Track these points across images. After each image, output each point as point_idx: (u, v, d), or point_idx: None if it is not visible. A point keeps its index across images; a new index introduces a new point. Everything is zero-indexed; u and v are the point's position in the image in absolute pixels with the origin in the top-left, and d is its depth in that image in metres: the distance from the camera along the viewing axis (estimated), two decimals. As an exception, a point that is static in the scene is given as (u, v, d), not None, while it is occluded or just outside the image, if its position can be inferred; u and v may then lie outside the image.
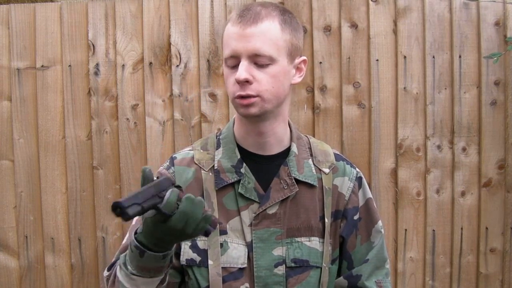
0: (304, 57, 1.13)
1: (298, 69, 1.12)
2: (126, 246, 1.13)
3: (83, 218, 2.05)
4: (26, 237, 2.05)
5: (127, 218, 0.81)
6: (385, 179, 2.04)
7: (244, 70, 1.02)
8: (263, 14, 1.04)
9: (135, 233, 0.97)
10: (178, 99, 2.03)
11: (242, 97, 1.04)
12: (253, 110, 1.05)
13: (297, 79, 1.12)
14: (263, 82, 1.04)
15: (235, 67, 1.05)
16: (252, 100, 1.04)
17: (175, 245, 0.98)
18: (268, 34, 1.03)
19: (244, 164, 1.12)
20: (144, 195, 0.87)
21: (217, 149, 1.16)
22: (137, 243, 0.95)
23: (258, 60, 1.03)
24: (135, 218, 1.14)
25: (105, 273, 1.10)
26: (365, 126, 2.04)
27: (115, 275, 1.05)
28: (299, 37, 1.11)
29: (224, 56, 1.07)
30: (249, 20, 1.03)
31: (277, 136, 1.14)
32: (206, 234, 0.94)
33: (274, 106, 1.08)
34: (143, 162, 2.02)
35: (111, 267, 1.10)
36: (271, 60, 1.03)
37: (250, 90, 1.03)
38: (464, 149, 2.05)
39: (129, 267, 0.99)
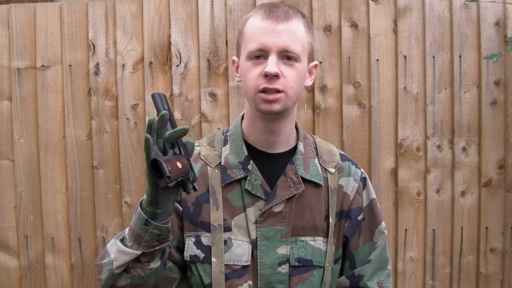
0: (316, 62, 1.16)
1: (310, 72, 1.15)
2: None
3: (83, 218, 2.05)
4: (26, 237, 2.05)
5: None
6: (385, 179, 2.04)
7: (275, 63, 1.03)
8: (291, 13, 1.06)
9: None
10: (178, 99, 2.03)
11: (266, 91, 1.04)
12: (277, 107, 1.06)
13: (309, 82, 1.15)
14: (290, 78, 1.05)
15: (259, 61, 1.05)
16: (277, 96, 1.05)
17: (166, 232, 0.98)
18: (297, 33, 1.06)
19: (251, 161, 1.12)
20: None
21: (224, 145, 1.16)
22: (140, 201, 0.99)
23: (286, 55, 1.04)
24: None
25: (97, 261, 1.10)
26: (365, 126, 2.04)
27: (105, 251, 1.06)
28: (314, 42, 1.14)
29: (249, 49, 1.06)
30: (281, 16, 1.04)
31: (286, 135, 1.15)
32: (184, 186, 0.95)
33: (293, 104, 1.10)
34: (143, 162, 2.02)
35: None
36: (297, 58, 1.05)
37: (277, 85, 1.04)
38: (464, 149, 2.05)
39: (126, 230, 1.01)
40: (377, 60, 2.02)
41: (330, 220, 1.13)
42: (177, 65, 2.03)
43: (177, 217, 1.13)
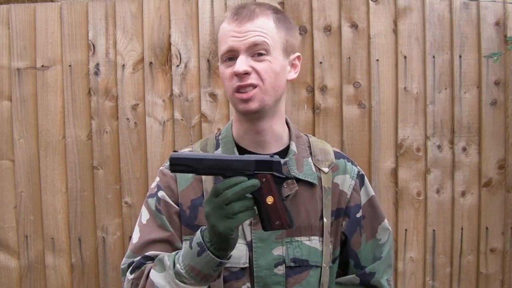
0: (298, 54, 1.16)
1: (293, 65, 1.15)
2: (139, 246, 1.12)
3: (83, 218, 2.05)
4: (26, 237, 2.05)
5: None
6: (385, 179, 2.04)
7: (243, 62, 1.04)
8: (257, 12, 1.07)
9: (201, 230, 0.99)
10: (178, 99, 2.03)
11: (241, 90, 1.05)
12: (253, 105, 1.06)
13: (293, 75, 1.15)
14: (262, 71, 1.06)
15: (231, 62, 1.07)
16: (251, 93, 1.05)
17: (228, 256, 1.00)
18: (264, 28, 1.06)
19: None
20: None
21: (216, 149, 1.17)
22: (201, 239, 0.96)
23: (256, 50, 1.05)
24: (146, 218, 1.14)
25: (129, 276, 1.09)
26: (365, 126, 2.03)
27: (146, 279, 1.04)
28: (294, 35, 1.14)
29: (221, 52, 1.09)
30: (245, 17, 1.06)
31: (275, 134, 1.14)
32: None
33: (273, 100, 1.09)
34: (143, 162, 2.02)
35: (134, 269, 1.09)
36: (267, 50, 1.06)
37: (250, 80, 1.05)
38: (464, 149, 2.05)
39: (178, 265, 0.99)
40: (377, 60, 2.02)
41: (324, 220, 1.13)
42: (177, 65, 2.03)
43: (179, 219, 1.13)
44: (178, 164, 0.94)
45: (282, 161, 0.97)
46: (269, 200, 0.94)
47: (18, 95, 2.04)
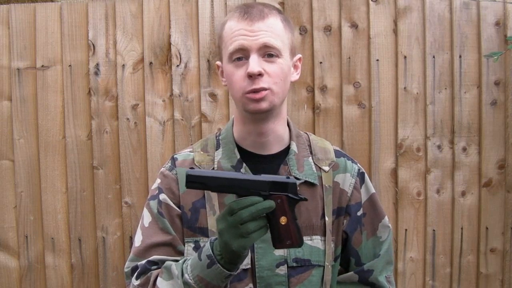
0: (299, 55, 1.16)
1: (295, 66, 1.15)
2: (142, 250, 1.12)
3: (83, 218, 2.05)
4: (26, 237, 2.05)
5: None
6: (385, 179, 2.04)
7: (256, 63, 1.03)
8: (266, 11, 1.07)
9: (210, 241, 0.99)
10: (178, 99, 2.03)
11: (254, 91, 1.04)
12: (264, 105, 1.06)
13: (295, 76, 1.16)
14: (273, 75, 1.05)
15: (241, 62, 1.05)
16: (264, 93, 1.05)
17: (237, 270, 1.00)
18: (275, 29, 1.06)
19: (244, 164, 1.12)
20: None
21: (216, 149, 1.17)
22: (211, 252, 0.97)
23: (267, 52, 1.05)
24: (148, 221, 1.14)
25: (135, 282, 1.09)
26: (365, 126, 2.04)
27: (153, 286, 1.05)
28: (295, 37, 1.17)
29: (229, 51, 1.06)
30: (256, 16, 1.05)
31: (277, 135, 1.14)
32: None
33: (280, 101, 1.10)
34: (143, 162, 2.02)
35: (140, 275, 1.09)
36: (279, 53, 1.06)
37: (262, 83, 1.04)
38: (464, 149, 2.05)
39: (187, 275, 0.99)
40: (377, 60, 2.02)
41: (326, 219, 1.13)
42: (177, 65, 2.03)
43: (181, 221, 1.13)
44: (194, 182, 0.95)
45: (298, 182, 0.97)
46: (283, 220, 0.95)
47: (18, 95, 2.04)
